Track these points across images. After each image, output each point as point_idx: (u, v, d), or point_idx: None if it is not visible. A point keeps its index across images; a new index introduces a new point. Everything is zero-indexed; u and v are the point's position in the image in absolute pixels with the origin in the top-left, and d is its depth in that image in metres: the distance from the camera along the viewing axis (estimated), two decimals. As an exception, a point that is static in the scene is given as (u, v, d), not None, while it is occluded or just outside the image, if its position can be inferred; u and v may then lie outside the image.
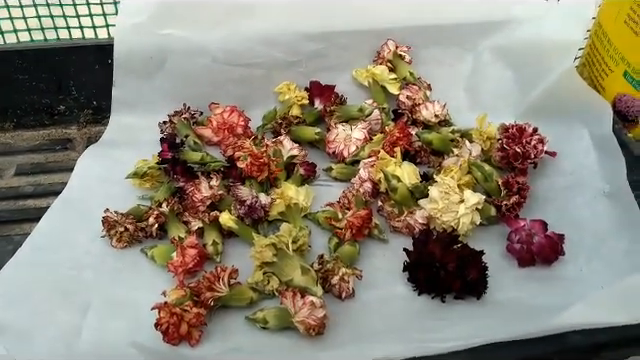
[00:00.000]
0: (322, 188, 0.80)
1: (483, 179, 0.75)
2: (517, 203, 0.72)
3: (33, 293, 0.64)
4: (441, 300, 0.65)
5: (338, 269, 0.65)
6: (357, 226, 0.69)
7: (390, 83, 0.88)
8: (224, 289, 0.62)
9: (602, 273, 0.66)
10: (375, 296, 0.66)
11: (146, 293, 0.64)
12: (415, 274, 0.66)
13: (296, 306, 0.60)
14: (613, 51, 0.76)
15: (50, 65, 0.86)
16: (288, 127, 0.84)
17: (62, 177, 0.82)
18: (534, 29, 0.83)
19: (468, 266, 0.64)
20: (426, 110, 0.83)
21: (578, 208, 0.73)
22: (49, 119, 0.91)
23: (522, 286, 0.66)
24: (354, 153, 0.81)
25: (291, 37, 0.86)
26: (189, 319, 0.59)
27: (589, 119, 0.76)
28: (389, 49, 0.87)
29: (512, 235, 0.70)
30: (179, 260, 0.65)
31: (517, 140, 0.75)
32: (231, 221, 0.70)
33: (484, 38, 0.88)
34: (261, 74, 0.88)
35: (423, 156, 0.82)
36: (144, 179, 0.77)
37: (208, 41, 0.85)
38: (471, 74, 0.90)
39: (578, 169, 0.75)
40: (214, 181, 0.73)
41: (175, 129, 0.85)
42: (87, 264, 0.69)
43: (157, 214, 0.71)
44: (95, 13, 0.91)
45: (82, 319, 0.62)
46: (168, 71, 0.86)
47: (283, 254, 0.64)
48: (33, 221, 0.74)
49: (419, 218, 0.72)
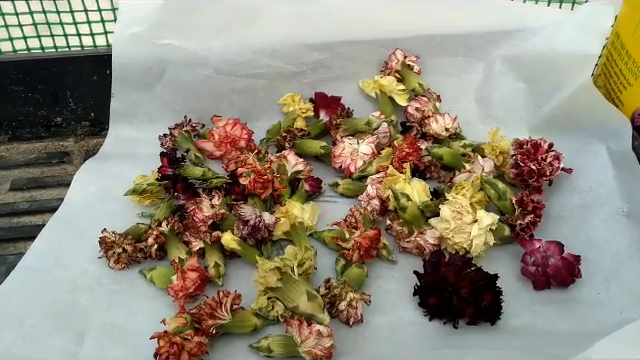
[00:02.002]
0: (328, 204, 0.77)
1: (497, 197, 0.72)
2: (532, 222, 0.69)
3: (27, 317, 0.62)
4: (453, 326, 0.62)
5: (346, 294, 0.62)
6: (365, 247, 0.66)
7: (398, 94, 0.85)
8: (226, 316, 0.59)
9: (621, 297, 0.64)
10: (384, 321, 0.63)
11: (145, 318, 0.62)
12: (426, 299, 0.63)
13: (302, 335, 0.57)
14: (632, 64, 0.73)
15: (46, 76, 0.84)
16: (292, 140, 0.81)
17: (59, 192, 0.80)
18: (548, 39, 0.80)
19: (482, 291, 0.61)
20: (436, 123, 0.81)
21: (595, 228, 0.70)
22: (45, 131, 0.88)
23: (537, 311, 0.64)
24: (361, 168, 0.78)
25: (294, 47, 0.83)
26: (190, 348, 0.56)
27: (607, 135, 0.73)
28: (397, 59, 0.85)
29: (527, 257, 0.67)
30: (179, 284, 0.62)
31: (532, 157, 0.72)
32: (234, 242, 0.67)
33: (495, 47, 0.85)
34: (264, 85, 0.85)
35: (433, 171, 0.79)
36: (143, 196, 0.75)
37: (209, 51, 0.82)
38: (482, 85, 0.87)
39: (595, 187, 0.72)
40: (216, 199, 0.70)
41: (176, 142, 0.82)
42: (83, 286, 0.66)
43: (157, 235, 0.68)
44: (93, 20, 0.89)
45: (79, 346, 0.60)
46: (168, 82, 0.84)
47: (288, 278, 0.61)
48: (28, 240, 0.71)
49: (430, 238, 0.69)
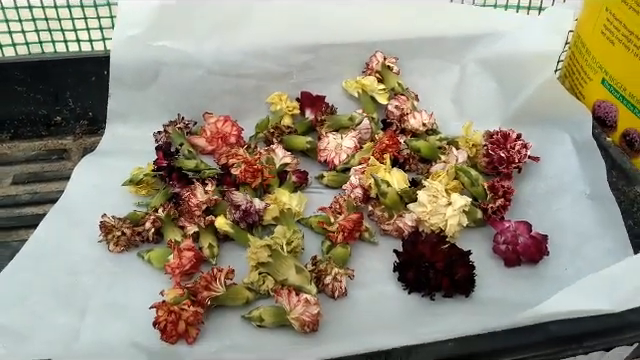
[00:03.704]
0: (314, 195, 0.82)
1: (470, 184, 0.77)
2: (502, 206, 0.74)
3: (31, 297, 0.65)
4: (430, 298, 0.67)
5: (331, 269, 0.67)
6: (349, 229, 0.71)
7: (379, 93, 0.90)
8: (221, 289, 0.64)
9: (586, 272, 0.66)
10: (367, 295, 0.67)
11: (144, 295, 0.65)
12: (405, 273, 0.68)
13: (291, 303, 0.61)
14: (591, 60, 0.79)
15: (47, 77, 0.88)
16: (280, 136, 0.87)
17: (58, 186, 0.84)
18: (516, 41, 0.86)
19: (456, 265, 0.66)
20: (414, 119, 0.86)
21: (561, 210, 0.75)
22: (46, 130, 0.93)
23: (508, 284, 0.69)
24: (345, 161, 0.84)
25: (282, 49, 0.89)
26: (187, 317, 0.60)
27: (570, 125, 0.79)
28: (378, 60, 0.90)
29: (498, 236, 0.72)
30: (176, 262, 0.67)
31: (502, 145, 0.78)
32: (227, 225, 0.72)
33: (468, 50, 0.91)
34: (253, 85, 0.90)
35: (412, 163, 0.84)
36: (140, 186, 0.79)
37: (201, 53, 0.87)
38: (457, 85, 0.93)
39: (560, 173, 0.78)
40: (209, 186, 0.75)
41: (169, 138, 0.87)
42: (84, 269, 0.70)
43: (154, 219, 0.73)
44: (92, 27, 0.94)
45: (80, 321, 0.63)
46: (162, 82, 0.88)
47: (278, 255, 0.66)
48: (30, 228, 0.75)
49: (408, 221, 0.74)
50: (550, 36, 0.82)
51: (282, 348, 0.60)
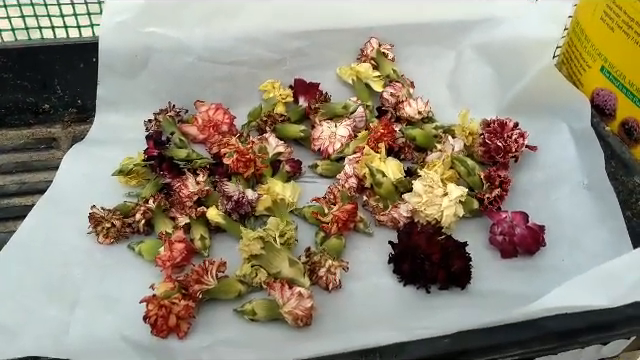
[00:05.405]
0: (308, 185, 0.81)
1: (466, 173, 0.76)
2: (499, 196, 0.73)
3: (19, 290, 0.64)
4: (426, 291, 0.66)
5: (325, 261, 0.65)
6: (343, 220, 0.70)
7: (374, 81, 0.89)
8: (212, 282, 0.63)
9: (583, 263, 0.67)
10: (361, 287, 0.66)
11: (134, 288, 0.64)
12: (400, 265, 0.67)
13: (284, 297, 0.60)
14: (590, 47, 0.78)
15: (35, 64, 0.86)
16: (273, 125, 0.85)
17: (47, 175, 0.82)
18: (513, 27, 0.85)
19: (452, 257, 0.65)
20: (409, 107, 0.85)
21: (558, 200, 0.74)
22: (33, 118, 0.90)
23: (505, 276, 0.68)
24: (339, 150, 0.82)
25: (274, 35, 0.87)
26: (178, 311, 0.59)
27: (568, 114, 0.78)
28: (372, 47, 0.89)
29: (494, 227, 0.71)
30: (167, 254, 0.66)
31: (499, 134, 0.76)
32: (218, 216, 0.71)
33: (465, 36, 0.89)
34: (246, 72, 0.88)
35: (407, 152, 0.83)
36: (130, 176, 0.77)
37: (192, 39, 0.85)
38: (453, 71, 0.91)
39: (558, 162, 0.77)
40: (201, 177, 0.74)
41: (160, 127, 0.85)
42: (74, 261, 0.68)
43: (144, 210, 0.71)
44: (79, 12, 0.91)
45: (70, 315, 0.62)
46: (152, 69, 0.86)
47: (271, 247, 0.65)
48: (18, 219, 0.73)
49: (403, 212, 0.73)
50: (548, 22, 0.81)
51: (275, 343, 0.59)
